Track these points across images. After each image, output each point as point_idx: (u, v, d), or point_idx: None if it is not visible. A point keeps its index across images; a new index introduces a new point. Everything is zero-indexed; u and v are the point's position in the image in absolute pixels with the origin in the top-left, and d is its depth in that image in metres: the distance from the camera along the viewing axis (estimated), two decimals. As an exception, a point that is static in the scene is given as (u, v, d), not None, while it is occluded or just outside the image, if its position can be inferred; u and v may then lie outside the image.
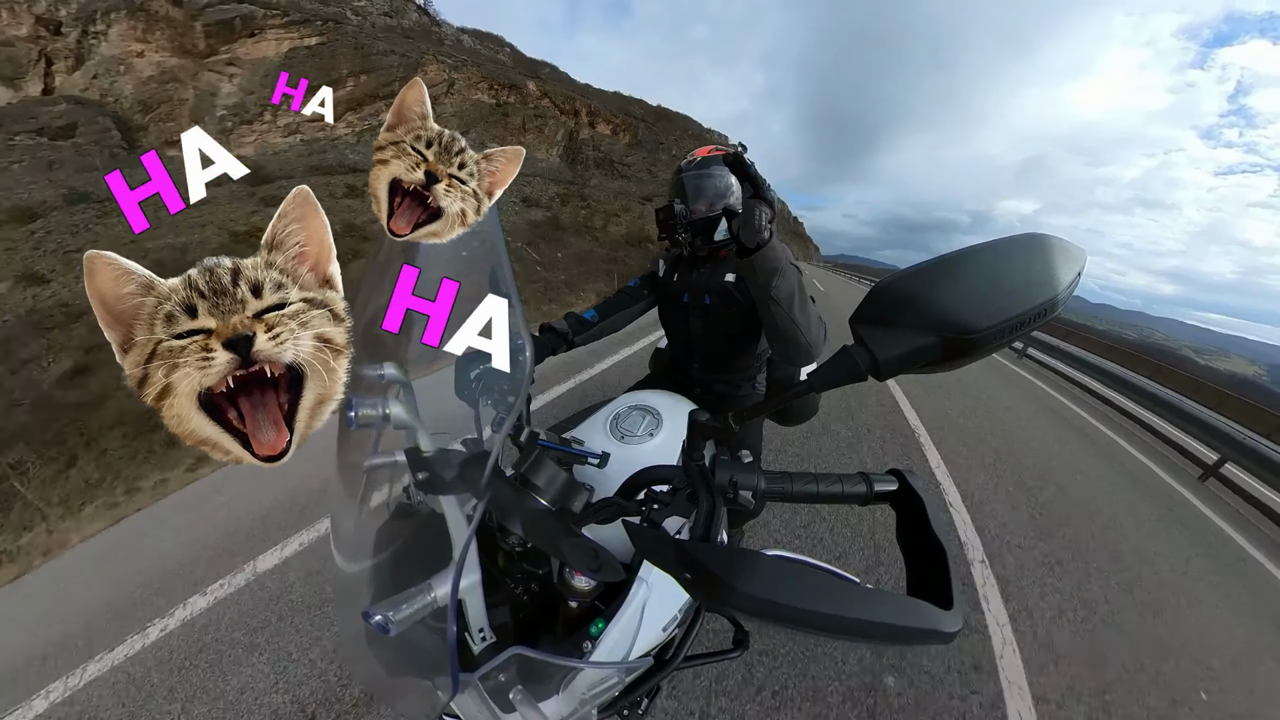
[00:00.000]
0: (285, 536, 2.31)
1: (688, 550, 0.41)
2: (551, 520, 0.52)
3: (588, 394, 3.75)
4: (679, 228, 1.19)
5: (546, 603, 0.66)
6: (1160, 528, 3.24)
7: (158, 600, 2.06)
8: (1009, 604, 2.10)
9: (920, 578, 0.42)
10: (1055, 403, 6.14)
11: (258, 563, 2.18)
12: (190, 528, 2.56)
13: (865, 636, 0.35)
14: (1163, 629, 2.18)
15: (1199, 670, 1.99)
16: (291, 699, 1.57)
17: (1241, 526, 3.60)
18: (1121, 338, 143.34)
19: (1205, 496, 4.06)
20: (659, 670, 0.68)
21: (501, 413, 0.73)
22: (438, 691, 0.52)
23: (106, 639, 1.90)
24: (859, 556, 2.25)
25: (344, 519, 0.66)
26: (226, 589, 2.06)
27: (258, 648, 1.77)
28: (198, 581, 2.12)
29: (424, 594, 0.49)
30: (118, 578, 2.28)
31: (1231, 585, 2.69)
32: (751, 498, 0.46)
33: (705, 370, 1.41)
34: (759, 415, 0.49)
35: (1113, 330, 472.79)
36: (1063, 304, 0.35)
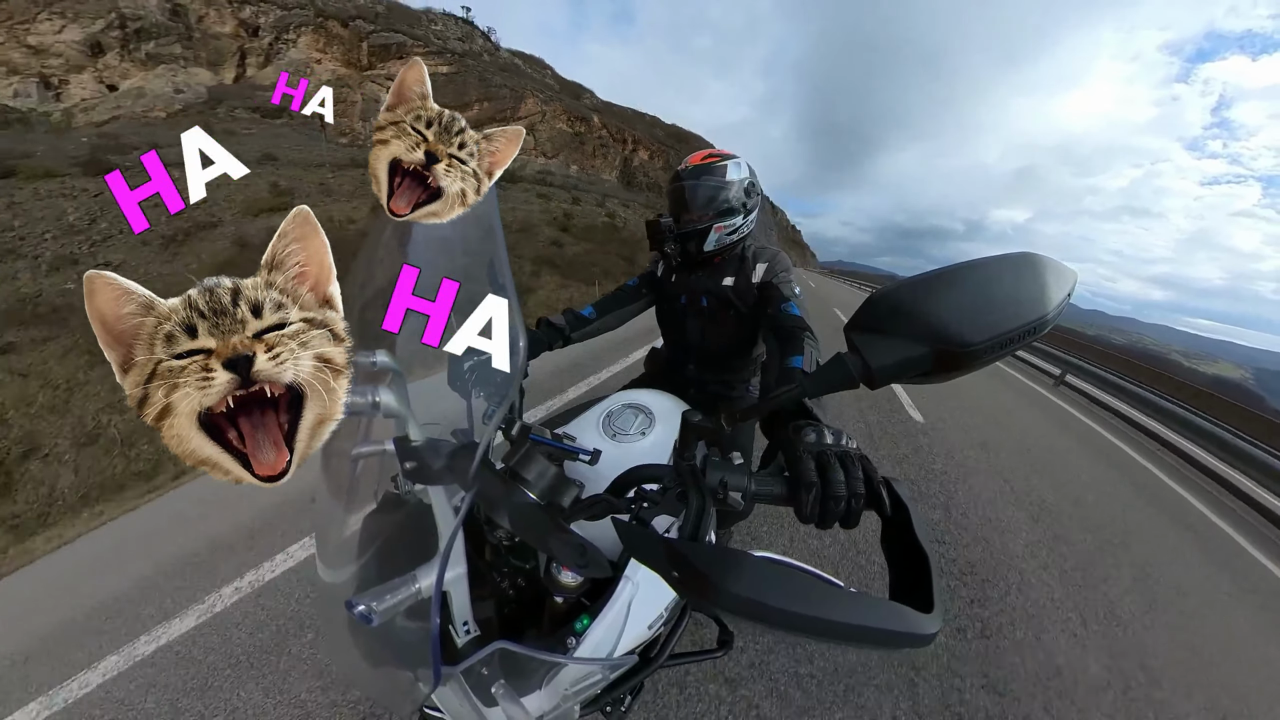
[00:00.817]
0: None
1: (675, 549, 0.41)
2: (540, 515, 0.52)
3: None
4: (665, 240, 1.22)
5: (532, 597, 0.66)
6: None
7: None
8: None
9: (903, 582, 0.43)
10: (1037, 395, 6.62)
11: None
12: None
13: (846, 639, 0.35)
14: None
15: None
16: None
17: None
18: (1109, 341, 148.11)
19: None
20: (643, 668, 0.68)
21: (493, 405, 0.73)
22: (419, 683, 0.52)
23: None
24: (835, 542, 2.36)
25: (330, 507, 0.65)
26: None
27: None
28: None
29: (408, 585, 0.48)
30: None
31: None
32: (741, 499, 0.46)
33: (700, 370, 1.41)
34: (751, 417, 0.49)
35: (1102, 335, 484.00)
36: (1052, 323, 0.36)
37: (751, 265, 1.23)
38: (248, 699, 1.57)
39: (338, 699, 1.53)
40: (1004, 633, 2.01)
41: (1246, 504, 4.49)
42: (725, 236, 1.21)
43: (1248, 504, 4.48)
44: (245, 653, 1.73)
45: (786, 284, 1.18)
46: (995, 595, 2.23)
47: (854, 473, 0.43)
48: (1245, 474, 4.97)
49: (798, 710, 1.54)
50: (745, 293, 1.23)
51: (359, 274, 0.72)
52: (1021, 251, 0.39)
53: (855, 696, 1.60)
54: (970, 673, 1.77)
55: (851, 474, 0.43)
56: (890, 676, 1.69)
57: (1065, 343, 10.26)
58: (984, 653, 1.88)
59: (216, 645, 1.79)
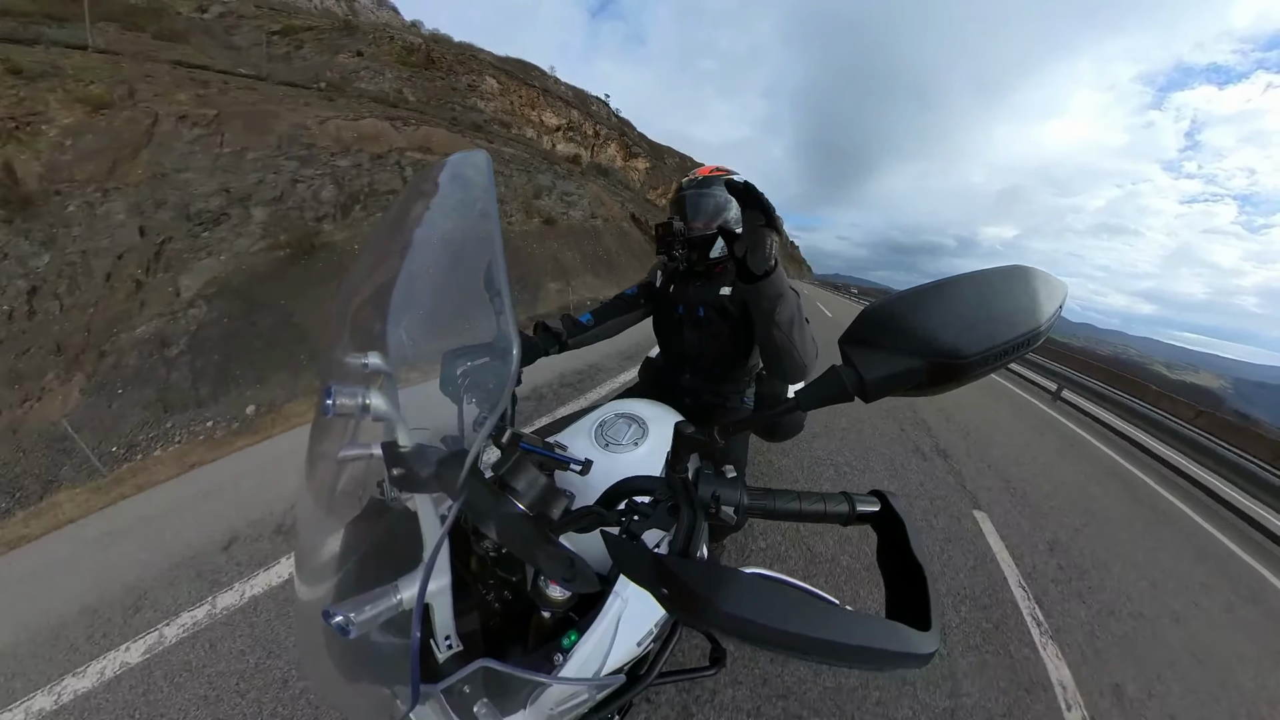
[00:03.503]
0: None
1: (665, 565, 0.39)
2: (528, 526, 0.51)
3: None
4: (676, 244, 1.22)
5: (518, 611, 0.64)
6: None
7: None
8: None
9: (899, 599, 0.42)
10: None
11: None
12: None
13: (841, 659, 0.34)
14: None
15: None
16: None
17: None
18: (1093, 352, 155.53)
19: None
20: (631, 687, 0.66)
21: (485, 412, 0.72)
22: (396, 701, 0.50)
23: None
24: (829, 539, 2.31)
25: (312, 511, 0.64)
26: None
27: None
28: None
29: (389, 595, 0.47)
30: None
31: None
32: (733, 513, 0.45)
33: (695, 381, 1.41)
34: (745, 430, 0.48)
35: (1089, 346, 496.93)
36: (1045, 335, 0.36)
37: None
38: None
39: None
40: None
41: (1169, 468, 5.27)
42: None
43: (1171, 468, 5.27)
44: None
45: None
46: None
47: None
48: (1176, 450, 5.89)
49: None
50: (742, 302, 1.23)
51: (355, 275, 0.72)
52: (1014, 264, 0.39)
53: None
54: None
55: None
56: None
57: (1051, 353, 11.29)
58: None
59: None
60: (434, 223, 0.62)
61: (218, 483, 3.18)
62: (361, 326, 0.62)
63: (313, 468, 0.64)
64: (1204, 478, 5.14)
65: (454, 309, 0.62)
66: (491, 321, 0.53)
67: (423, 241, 0.61)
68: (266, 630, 1.83)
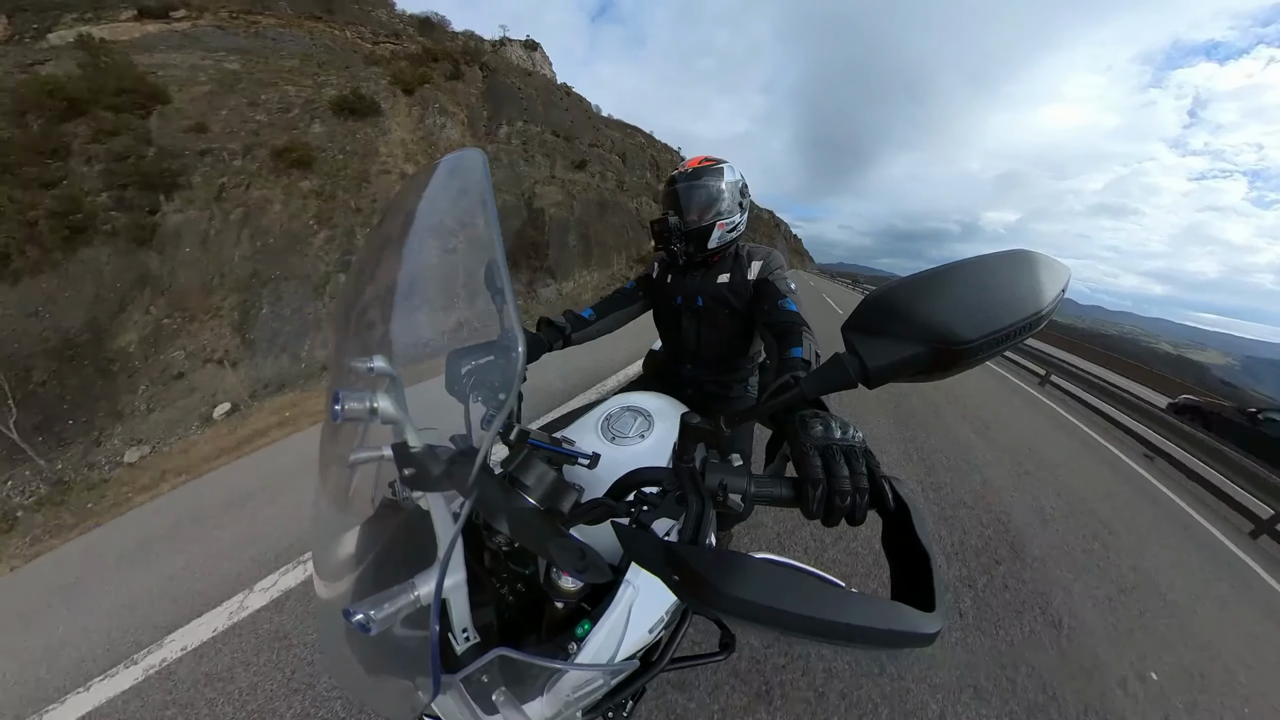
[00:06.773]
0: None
1: (675, 552, 0.40)
2: (539, 520, 0.51)
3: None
4: (673, 239, 1.22)
5: (532, 603, 0.66)
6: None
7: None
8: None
9: (904, 582, 0.43)
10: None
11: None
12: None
13: (848, 640, 0.35)
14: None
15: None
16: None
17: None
18: (1085, 331, 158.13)
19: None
20: (644, 672, 0.67)
21: (492, 409, 0.72)
22: (418, 692, 0.51)
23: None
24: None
25: (327, 515, 0.65)
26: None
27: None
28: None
29: (407, 593, 0.48)
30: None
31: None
32: (740, 501, 0.46)
33: (698, 371, 1.41)
34: (750, 419, 0.49)
35: (1093, 329, 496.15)
36: (1047, 319, 0.36)
37: (746, 263, 1.25)
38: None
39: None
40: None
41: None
42: (726, 234, 1.23)
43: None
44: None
45: (781, 280, 1.19)
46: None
47: (858, 468, 0.43)
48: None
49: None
50: (741, 290, 1.23)
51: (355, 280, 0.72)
52: (1016, 249, 0.39)
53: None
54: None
55: (856, 470, 0.43)
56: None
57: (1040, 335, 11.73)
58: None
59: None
60: (431, 223, 0.62)
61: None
62: (364, 331, 0.63)
63: (325, 472, 0.65)
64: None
65: (456, 309, 0.63)
66: (493, 319, 0.53)
67: (420, 243, 0.61)
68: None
